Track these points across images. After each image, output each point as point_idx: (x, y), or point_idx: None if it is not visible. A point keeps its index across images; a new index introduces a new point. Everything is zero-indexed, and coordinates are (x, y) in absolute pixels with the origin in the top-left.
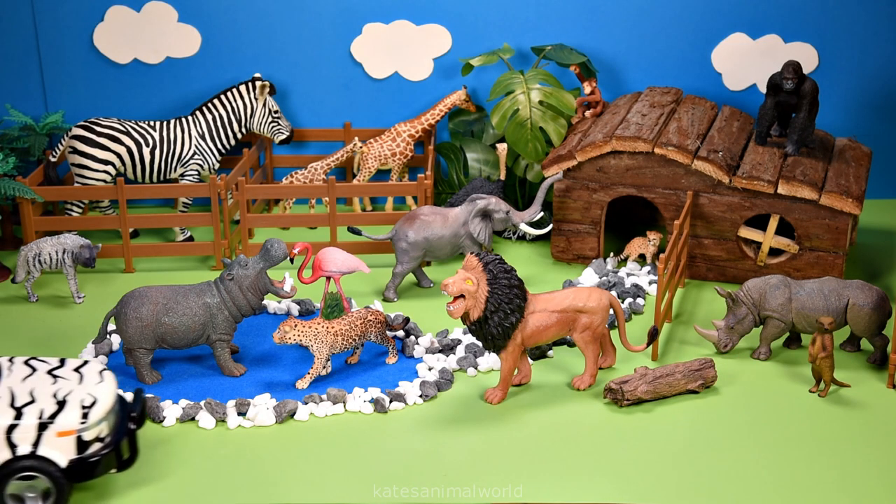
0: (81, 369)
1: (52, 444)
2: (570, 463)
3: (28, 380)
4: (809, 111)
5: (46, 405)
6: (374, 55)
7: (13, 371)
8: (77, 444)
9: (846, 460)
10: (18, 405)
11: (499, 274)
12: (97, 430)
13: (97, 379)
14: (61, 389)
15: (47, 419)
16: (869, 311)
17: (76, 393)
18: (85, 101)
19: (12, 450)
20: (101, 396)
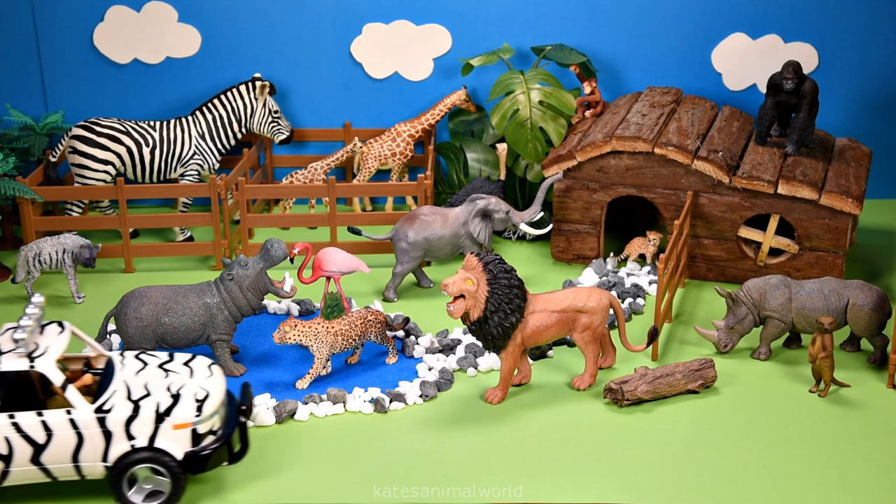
0: (190, 364)
1: (168, 436)
2: (570, 463)
3: (141, 373)
4: (809, 111)
5: (162, 398)
6: (374, 55)
7: (126, 365)
8: (192, 437)
9: (846, 460)
10: (135, 398)
11: (499, 274)
12: (210, 423)
13: (207, 373)
14: (174, 383)
15: (163, 412)
16: (869, 311)
17: (189, 387)
18: (85, 101)
19: (132, 442)
20: (212, 390)
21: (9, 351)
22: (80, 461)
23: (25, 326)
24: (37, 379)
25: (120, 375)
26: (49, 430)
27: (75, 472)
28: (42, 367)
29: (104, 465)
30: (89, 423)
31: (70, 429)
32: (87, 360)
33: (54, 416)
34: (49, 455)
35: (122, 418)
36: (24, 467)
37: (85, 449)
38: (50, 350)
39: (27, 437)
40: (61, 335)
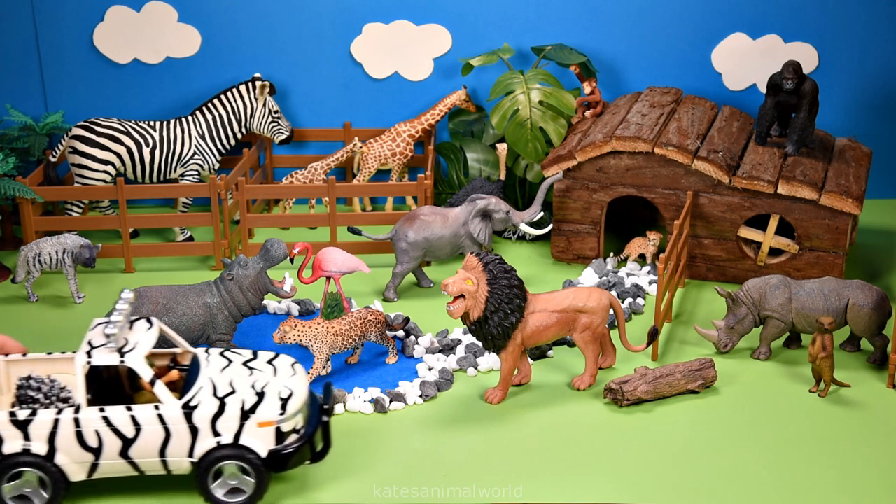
0: (274, 362)
1: (253, 433)
2: (570, 463)
3: (226, 371)
4: (809, 111)
5: (247, 396)
6: (374, 55)
7: (210, 362)
8: (276, 435)
9: (846, 460)
10: (220, 395)
11: (499, 274)
12: (294, 421)
13: (290, 372)
14: (258, 381)
15: (249, 410)
16: (869, 311)
17: (273, 385)
18: (85, 101)
19: (217, 439)
20: (296, 389)
21: (100, 346)
22: (166, 456)
23: (116, 322)
24: (124, 374)
25: (205, 372)
26: (138, 425)
27: (162, 467)
28: (132, 363)
29: (190, 461)
30: (176, 419)
31: (158, 424)
32: (173, 356)
33: (143, 410)
34: (137, 449)
35: (208, 415)
36: (113, 461)
37: (172, 444)
38: (139, 346)
39: (117, 431)
40: (150, 331)
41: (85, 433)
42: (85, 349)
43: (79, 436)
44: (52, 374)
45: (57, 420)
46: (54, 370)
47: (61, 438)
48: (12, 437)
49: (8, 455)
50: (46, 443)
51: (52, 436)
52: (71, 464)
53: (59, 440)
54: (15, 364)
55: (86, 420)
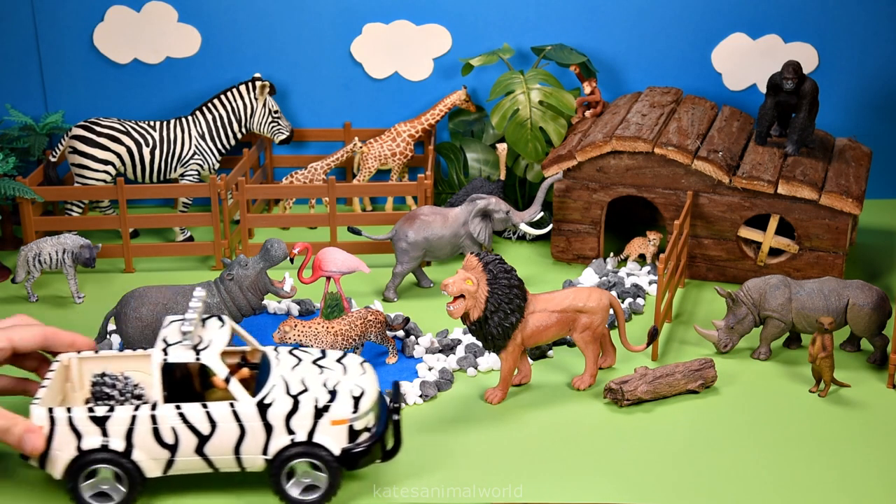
0: (343, 360)
1: (326, 431)
2: (570, 463)
3: (297, 369)
4: (809, 111)
5: (320, 394)
6: (374, 55)
7: (281, 360)
8: (349, 434)
9: (846, 460)
10: (293, 393)
11: (499, 274)
12: (365, 420)
13: (360, 370)
14: (329, 379)
15: (322, 408)
16: (869, 311)
17: (344, 383)
18: (85, 101)
19: (291, 436)
20: (367, 388)
21: (175, 343)
22: (241, 453)
23: (191, 319)
24: (195, 372)
25: (277, 370)
26: (213, 422)
27: (236, 464)
28: (207, 360)
29: (264, 458)
30: (251, 416)
31: (233, 421)
32: (243, 354)
33: (218, 408)
34: (212, 446)
35: (282, 412)
36: (189, 457)
37: (246, 441)
38: (214, 343)
39: (192, 428)
40: (222, 329)
41: (161, 430)
42: (161, 346)
43: (155, 432)
44: (125, 371)
45: (134, 417)
46: (125, 367)
47: (138, 435)
48: (91, 433)
49: (87, 451)
50: (124, 439)
51: (130, 432)
52: (147, 460)
53: (137, 437)
54: (88, 361)
55: (162, 417)
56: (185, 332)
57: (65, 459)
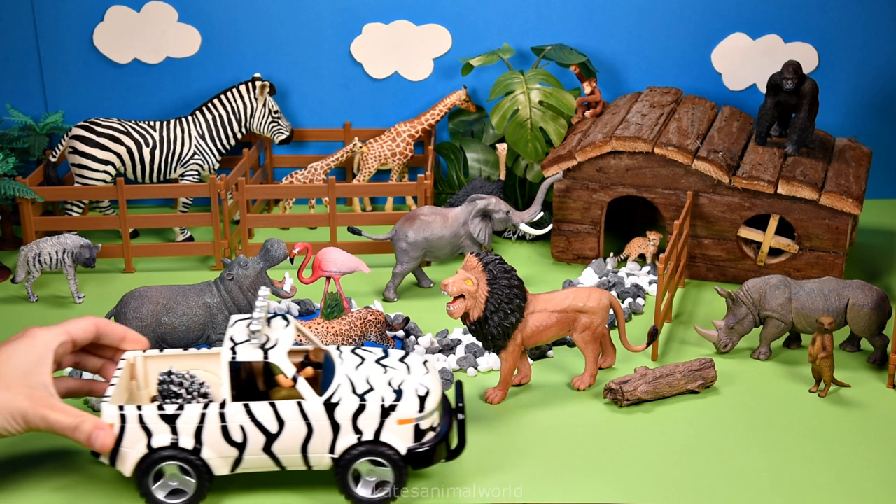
0: (405, 360)
1: (393, 430)
2: (570, 463)
3: (361, 368)
4: (809, 111)
5: (386, 393)
6: (374, 55)
7: (344, 360)
8: (414, 433)
9: (846, 460)
10: (359, 392)
11: (499, 274)
12: (431, 419)
13: (424, 370)
14: (394, 379)
15: (388, 407)
16: (869, 311)
17: (409, 383)
18: (85, 101)
19: (358, 435)
20: (432, 387)
21: (243, 342)
22: (308, 452)
23: (258, 318)
24: (259, 371)
25: (341, 370)
26: (281, 421)
27: (303, 463)
28: (275, 359)
29: (331, 457)
30: (319, 415)
31: (301, 420)
32: (306, 353)
33: (286, 406)
34: (280, 444)
35: (349, 411)
36: (256, 456)
37: (314, 440)
38: (281, 342)
39: (261, 427)
40: (287, 328)
41: (230, 428)
42: (229, 345)
43: (224, 431)
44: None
45: (203, 415)
46: (190, 366)
47: (207, 433)
48: (161, 431)
49: (157, 448)
50: (193, 437)
51: (199, 430)
52: (216, 458)
53: (206, 435)
54: (152, 360)
55: (231, 415)
56: (254, 332)
57: (135, 457)
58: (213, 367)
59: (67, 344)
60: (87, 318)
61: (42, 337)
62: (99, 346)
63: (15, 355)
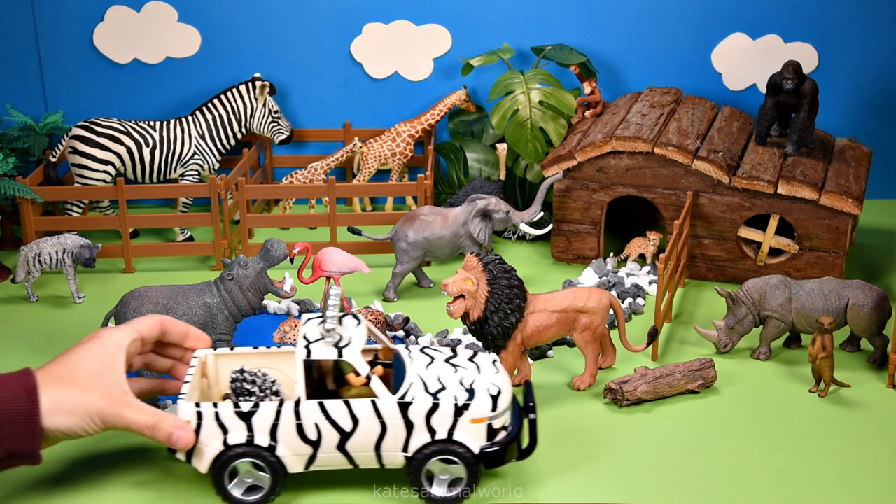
0: (475, 359)
1: (466, 430)
2: (569, 463)
3: (431, 368)
4: (809, 111)
5: (458, 392)
6: (374, 55)
7: (414, 359)
8: (487, 432)
9: (846, 460)
10: (432, 391)
11: (499, 274)
12: (503, 419)
13: (494, 370)
14: (465, 378)
15: (462, 406)
16: (869, 311)
17: (480, 382)
18: (85, 101)
19: (431, 434)
20: (503, 386)
21: (317, 340)
22: (381, 450)
23: (332, 317)
24: (328, 369)
25: (412, 369)
26: (356, 419)
27: (376, 461)
28: (349, 357)
29: (404, 455)
30: (393, 414)
31: (375, 418)
32: (375, 352)
33: (360, 405)
34: (354, 442)
35: (423, 410)
36: (330, 453)
37: (387, 438)
38: (354, 341)
39: (335, 425)
40: (359, 327)
41: (305, 426)
42: (303, 344)
43: (299, 428)
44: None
45: (279, 412)
46: (260, 364)
47: (282, 431)
48: (236, 428)
49: (232, 445)
50: (268, 435)
51: (274, 428)
52: (291, 456)
53: (281, 432)
54: (223, 358)
55: (306, 413)
56: (328, 330)
57: (211, 454)
58: (280, 366)
59: (137, 343)
60: (151, 316)
61: (113, 337)
62: (164, 345)
63: (87, 356)
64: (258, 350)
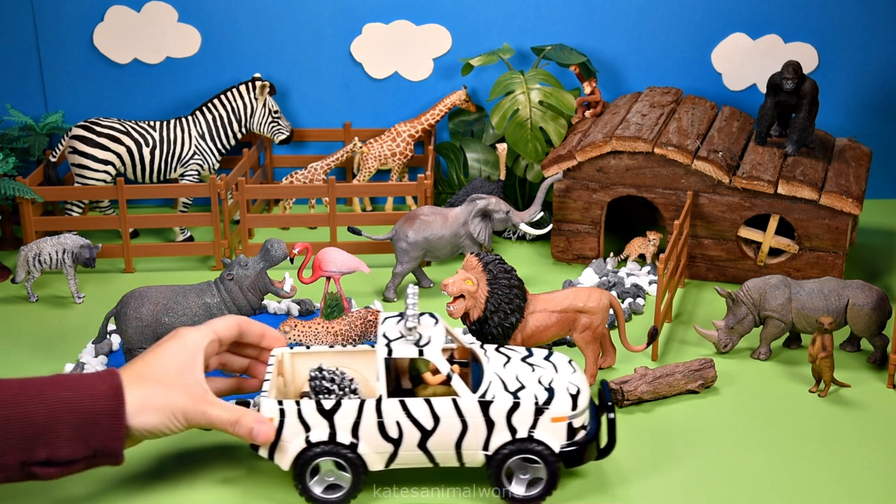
0: (550, 359)
1: (547, 428)
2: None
3: (508, 367)
4: (809, 111)
5: (538, 391)
6: (374, 55)
7: (490, 358)
8: (567, 431)
9: (846, 460)
10: (512, 390)
11: (499, 274)
12: (582, 418)
13: (570, 369)
14: (543, 377)
15: (542, 404)
16: (869, 311)
17: (558, 381)
18: (85, 101)
19: (512, 433)
20: (581, 386)
21: (397, 339)
22: (462, 448)
23: (413, 315)
24: (403, 368)
25: (489, 368)
26: (436, 417)
27: (456, 459)
28: (430, 355)
29: (484, 454)
30: (474, 412)
31: (456, 416)
32: (451, 351)
33: (442, 403)
34: (435, 441)
35: (504, 409)
36: (411, 451)
37: (468, 437)
38: (434, 340)
39: (416, 423)
40: (437, 326)
41: (386, 424)
42: (384, 342)
43: (380, 426)
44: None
45: (361, 410)
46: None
47: (364, 428)
48: (319, 425)
49: (315, 443)
50: (350, 432)
51: (356, 426)
52: (372, 453)
53: (363, 430)
54: (299, 356)
55: (388, 411)
56: (411, 329)
57: (293, 451)
58: (354, 364)
59: (215, 343)
60: (229, 316)
61: (191, 336)
62: (239, 345)
63: (167, 355)
64: (333, 349)
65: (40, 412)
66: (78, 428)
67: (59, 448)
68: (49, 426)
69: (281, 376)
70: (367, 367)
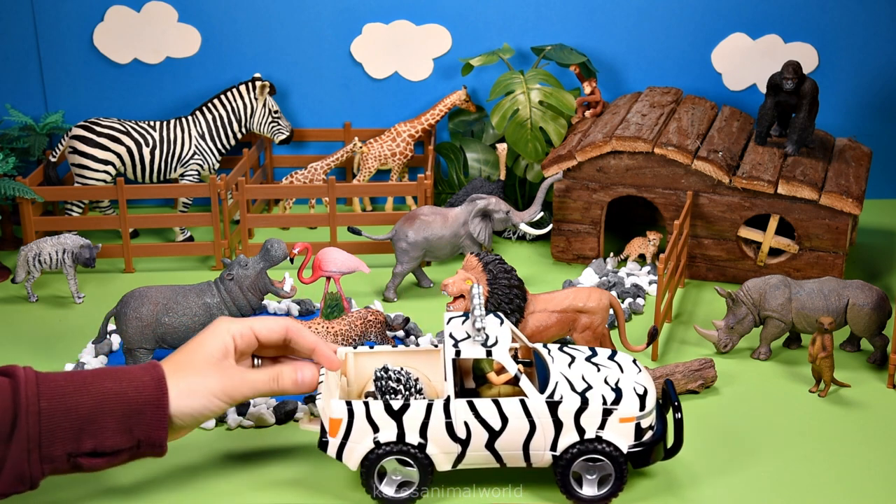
0: (615, 359)
1: (615, 429)
2: None
3: (573, 367)
4: (809, 111)
5: (605, 392)
6: (374, 55)
7: (554, 358)
8: (635, 431)
9: (846, 460)
10: (579, 390)
11: (499, 274)
12: (650, 418)
13: (636, 369)
14: (609, 377)
15: (610, 405)
16: (869, 311)
17: (625, 381)
18: (85, 101)
19: (580, 433)
20: (648, 386)
21: (464, 339)
22: (530, 449)
23: (480, 315)
24: (467, 369)
25: (555, 368)
26: (504, 418)
27: (523, 460)
28: (498, 356)
29: (552, 454)
30: (542, 413)
31: (524, 417)
32: (515, 351)
33: (510, 403)
34: (503, 441)
35: (572, 409)
36: (479, 452)
37: (536, 437)
38: (501, 340)
39: (484, 423)
40: (503, 326)
41: (455, 424)
42: (451, 343)
43: (448, 427)
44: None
45: (429, 411)
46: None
47: (432, 429)
48: (387, 426)
49: (383, 443)
50: (419, 433)
51: (424, 426)
52: (440, 454)
53: (431, 430)
54: (361, 356)
55: (455, 411)
56: (479, 329)
57: (361, 451)
58: (417, 364)
59: (248, 337)
60: (277, 318)
61: (224, 325)
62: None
63: (202, 345)
64: (397, 349)
65: (87, 403)
66: (123, 418)
67: (105, 439)
68: (95, 417)
69: (345, 376)
70: (429, 366)
